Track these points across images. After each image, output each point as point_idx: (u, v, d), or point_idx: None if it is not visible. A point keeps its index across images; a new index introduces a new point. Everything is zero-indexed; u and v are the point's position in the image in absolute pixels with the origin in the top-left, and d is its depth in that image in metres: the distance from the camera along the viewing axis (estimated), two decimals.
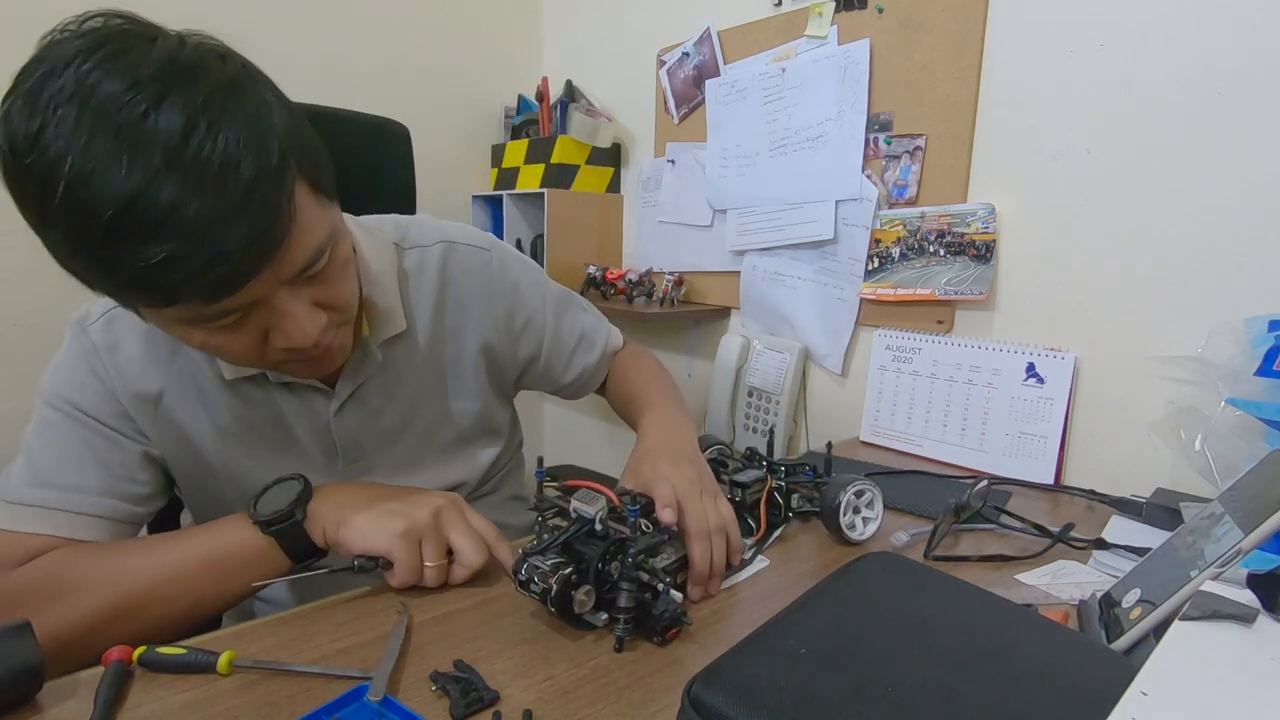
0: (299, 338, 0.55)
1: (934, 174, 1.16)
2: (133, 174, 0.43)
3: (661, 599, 0.57)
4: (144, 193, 0.44)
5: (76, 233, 0.46)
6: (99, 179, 0.43)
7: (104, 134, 0.43)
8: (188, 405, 0.68)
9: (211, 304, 0.50)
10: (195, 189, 0.45)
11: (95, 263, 0.47)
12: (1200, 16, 0.88)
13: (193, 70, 0.47)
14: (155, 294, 0.48)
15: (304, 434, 0.72)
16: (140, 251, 0.44)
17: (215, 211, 0.45)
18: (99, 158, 0.43)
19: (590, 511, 0.58)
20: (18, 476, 0.63)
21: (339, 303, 0.59)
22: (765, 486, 0.78)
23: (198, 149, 0.45)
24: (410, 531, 0.60)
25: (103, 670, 0.50)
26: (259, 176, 0.47)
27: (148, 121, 0.44)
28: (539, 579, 0.55)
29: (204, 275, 0.47)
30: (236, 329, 0.54)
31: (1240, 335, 0.84)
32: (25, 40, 0.52)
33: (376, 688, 0.48)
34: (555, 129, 1.74)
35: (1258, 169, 0.85)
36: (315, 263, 0.54)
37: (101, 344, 0.65)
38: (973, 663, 0.45)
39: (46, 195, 0.44)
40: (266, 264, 0.50)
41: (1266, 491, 0.54)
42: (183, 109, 0.45)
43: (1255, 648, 0.43)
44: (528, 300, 0.84)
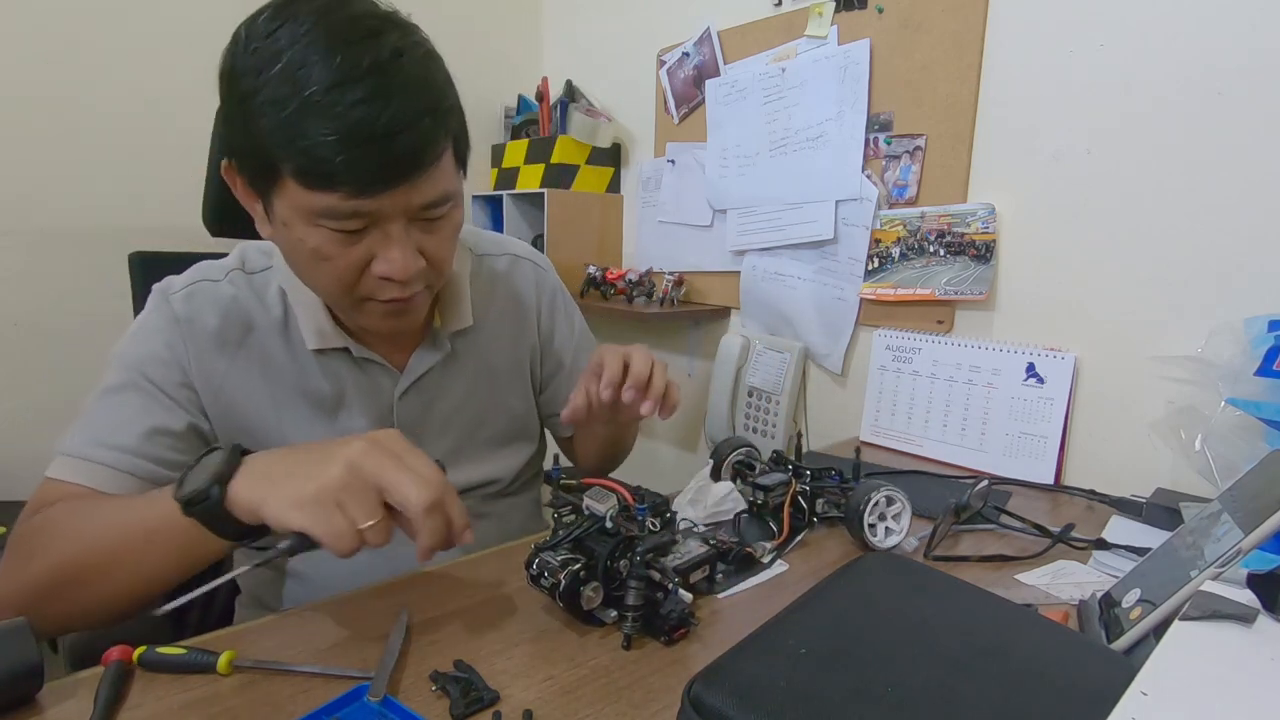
0: (398, 267, 0.61)
1: (934, 174, 1.16)
2: (340, 70, 0.54)
3: (670, 598, 0.57)
4: (343, 85, 0.54)
5: (281, 99, 0.54)
6: (314, 66, 0.54)
7: (329, 40, 0.54)
8: (252, 381, 0.71)
9: (353, 198, 0.57)
10: (383, 98, 0.55)
11: (285, 125, 0.55)
12: (1200, 16, 0.88)
13: (408, 25, 0.61)
14: (318, 169, 0.55)
15: (363, 416, 0.75)
16: (325, 127, 0.54)
17: (391, 120, 0.55)
18: (320, 54, 0.54)
19: (601, 509, 0.58)
20: (74, 429, 0.66)
21: (436, 259, 0.65)
22: (789, 490, 0.78)
23: (395, 71, 0.56)
24: (321, 495, 0.50)
25: (102, 670, 0.50)
26: (430, 110, 0.58)
27: (366, 41, 0.55)
28: (549, 574, 0.56)
29: (362, 163, 0.55)
30: (351, 242, 0.60)
31: (1240, 335, 0.84)
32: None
33: (376, 688, 0.48)
34: (555, 129, 1.74)
35: (1258, 169, 0.85)
36: (438, 206, 0.62)
37: (181, 314, 0.69)
38: (973, 663, 0.45)
39: (264, 68, 0.54)
40: (410, 179, 0.58)
41: (1266, 491, 0.54)
42: (395, 44, 0.57)
43: (1255, 648, 0.43)
44: (562, 324, 0.92)
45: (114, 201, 1.45)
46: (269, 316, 0.72)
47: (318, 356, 0.72)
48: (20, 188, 1.36)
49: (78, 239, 1.42)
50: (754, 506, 0.79)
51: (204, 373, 0.69)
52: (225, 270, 0.73)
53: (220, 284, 0.72)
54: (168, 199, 1.47)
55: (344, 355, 0.73)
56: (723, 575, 0.67)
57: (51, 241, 1.40)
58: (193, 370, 0.69)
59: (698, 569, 0.61)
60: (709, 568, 0.63)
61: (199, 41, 1.46)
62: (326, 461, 0.51)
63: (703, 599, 0.63)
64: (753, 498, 0.79)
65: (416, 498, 0.50)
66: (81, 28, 1.38)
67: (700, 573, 0.62)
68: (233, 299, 0.71)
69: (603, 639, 0.57)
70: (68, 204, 1.41)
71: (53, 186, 1.39)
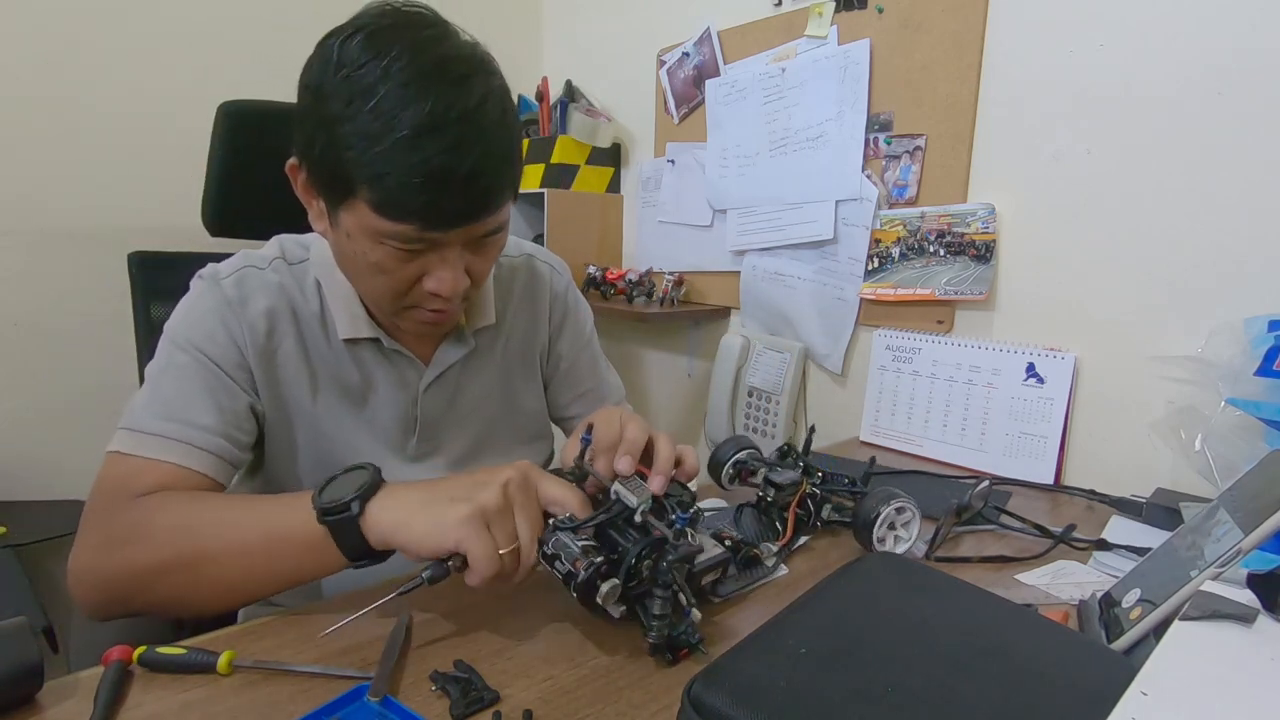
0: (448, 286, 0.65)
1: (934, 174, 1.16)
2: (431, 115, 0.57)
3: (683, 619, 0.54)
4: (434, 129, 0.57)
5: (373, 135, 0.57)
6: (408, 109, 0.57)
7: (421, 79, 0.57)
8: (297, 366, 0.73)
9: (425, 231, 0.61)
10: (468, 145, 0.58)
11: (374, 161, 0.57)
12: (1200, 16, 0.88)
13: (489, 67, 0.64)
14: (398, 204, 0.59)
15: (388, 408, 0.77)
16: (411, 168, 0.57)
17: (473, 167, 0.59)
18: (413, 96, 0.57)
19: (634, 500, 0.55)
20: (144, 409, 0.66)
21: (478, 276, 0.69)
22: (799, 490, 0.76)
23: (480, 118, 0.59)
24: (475, 516, 0.53)
25: (102, 670, 0.50)
26: (505, 157, 0.62)
27: (456, 88, 0.58)
28: (565, 558, 0.53)
29: (440, 204, 0.59)
30: (407, 260, 0.64)
31: (1240, 335, 0.84)
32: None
33: (376, 688, 0.48)
34: (555, 129, 1.74)
35: (1258, 169, 0.85)
36: (494, 235, 0.67)
37: (234, 297, 0.70)
38: (973, 663, 0.45)
39: (357, 101, 0.57)
40: (480, 217, 0.63)
41: (1266, 491, 0.54)
42: (481, 89, 0.60)
43: (1255, 648, 0.43)
44: (571, 326, 0.92)
45: (114, 201, 1.45)
46: (309, 307, 0.74)
47: (349, 346, 0.74)
48: (20, 188, 1.36)
49: (78, 239, 1.42)
50: (762, 501, 0.77)
51: (255, 353, 0.71)
52: (268, 260, 0.74)
53: (266, 271, 0.73)
54: (167, 199, 1.47)
55: (374, 346, 0.75)
56: (728, 578, 0.64)
57: (51, 241, 1.40)
58: (249, 350, 0.70)
59: (711, 571, 0.58)
60: (721, 571, 0.59)
61: (199, 42, 1.47)
62: (482, 487, 0.56)
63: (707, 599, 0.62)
64: (762, 492, 0.77)
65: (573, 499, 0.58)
66: (81, 28, 1.38)
67: (713, 575, 0.59)
68: (279, 286, 0.73)
69: (604, 640, 0.57)
70: (68, 204, 1.41)
71: (53, 186, 1.39)
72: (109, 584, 0.59)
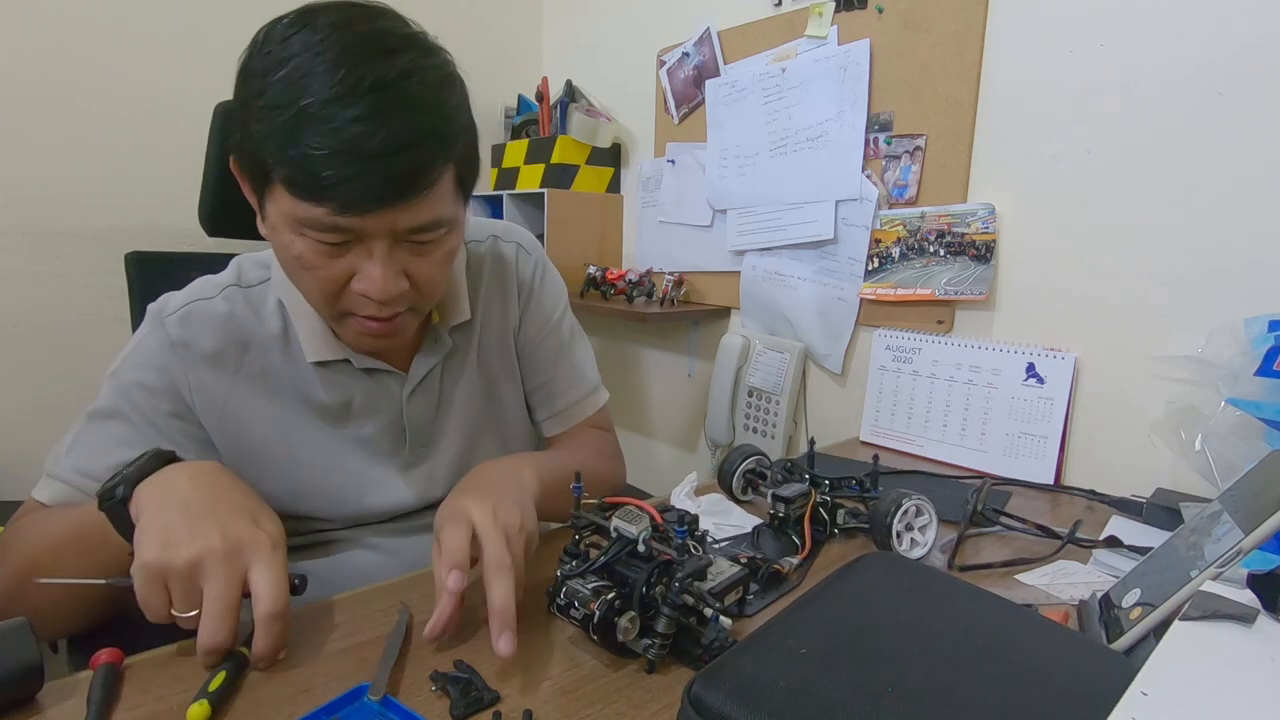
0: (376, 287, 0.59)
1: (934, 174, 1.16)
2: (341, 86, 0.53)
3: (711, 627, 0.53)
4: (340, 101, 0.53)
5: (279, 105, 0.54)
6: (316, 78, 0.53)
7: (339, 51, 0.54)
8: (255, 399, 0.70)
9: (339, 214, 0.55)
10: (381, 116, 0.53)
11: (279, 133, 0.54)
12: (1200, 17, 0.88)
13: (430, 47, 0.60)
14: (308, 181, 0.54)
15: (373, 421, 0.74)
16: (316, 140, 0.53)
17: (386, 139, 0.54)
18: (325, 67, 0.53)
19: (633, 531, 0.54)
20: (62, 449, 0.66)
21: (424, 283, 0.63)
22: (809, 502, 0.75)
23: (399, 92, 0.54)
24: (155, 569, 0.49)
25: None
26: (430, 136, 0.56)
27: (375, 60, 0.54)
28: (579, 604, 0.52)
29: (352, 181, 0.54)
30: (334, 255, 0.59)
31: (1240, 335, 0.84)
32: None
33: (376, 688, 0.48)
34: (555, 129, 1.74)
35: (1258, 169, 0.85)
36: (429, 231, 0.60)
37: (176, 338, 0.68)
38: (972, 663, 0.45)
39: (270, 73, 0.54)
40: (400, 203, 0.56)
41: (1266, 491, 0.54)
42: (406, 65, 0.55)
43: (1255, 648, 0.43)
44: (537, 309, 0.87)
45: (113, 201, 1.45)
46: (266, 331, 0.71)
47: (320, 368, 0.71)
48: (20, 188, 1.36)
49: (77, 239, 1.42)
50: (774, 519, 0.76)
51: (204, 396, 0.68)
52: (221, 287, 0.71)
53: (215, 301, 0.70)
54: (165, 199, 1.47)
55: (347, 365, 0.72)
56: (753, 596, 0.63)
57: (51, 241, 1.40)
58: (191, 396, 0.68)
59: (732, 591, 0.56)
60: (743, 589, 0.58)
61: (198, 43, 1.47)
62: (192, 539, 0.49)
63: (733, 621, 0.60)
64: (773, 510, 0.76)
65: (265, 602, 0.50)
66: (81, 28, 1.38)
67: (734, 594, 0.57)
68: (228, 316, 0.70)
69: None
70: (67, 204, 1.41)
71: (52, 187, 1.39)
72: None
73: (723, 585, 0.55)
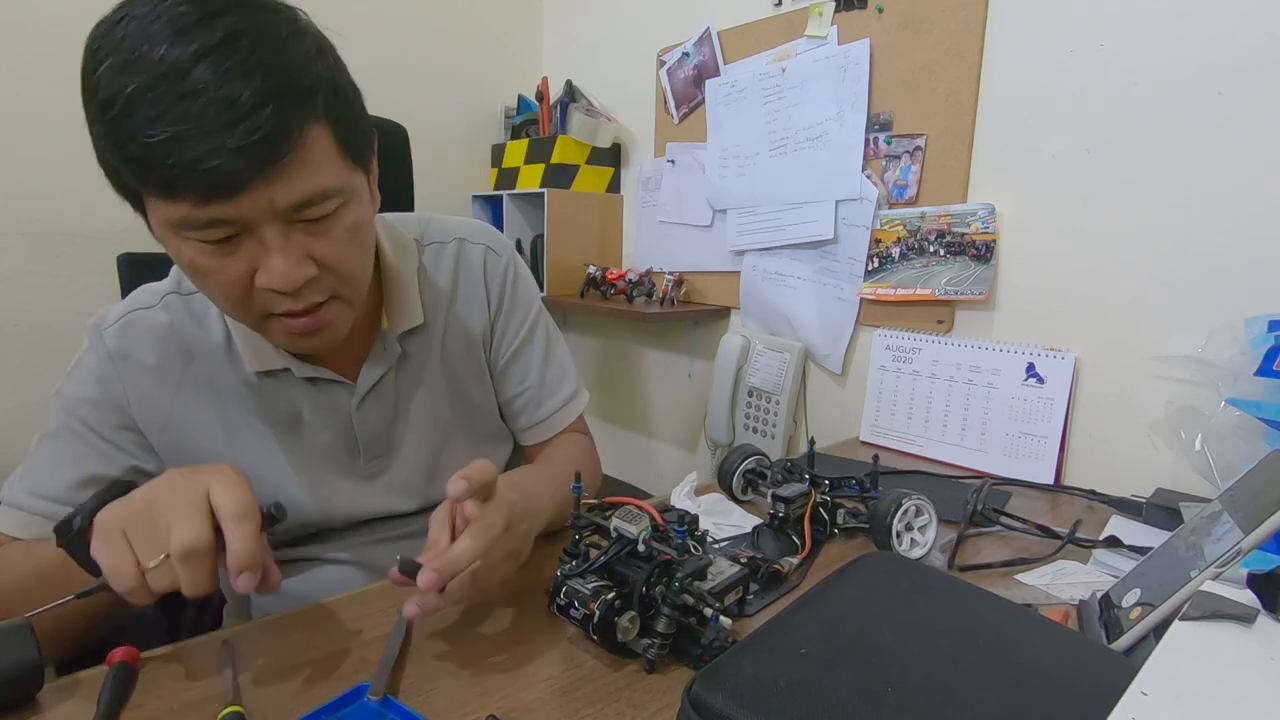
0: (278, 277, 0.54)
1: (934, 174, 1.16)
2: (165, 59, 0.48)
3: (710, 627, 0.53)
4: (169, 75, 0.47)
5: (106, 102, 0.49)
6: (139, 60, 0.48)
7: (157, 29, 0.48)
8: (200, 410, 0.68)
9: (205, 205, 0.50)
10: (215, 84, 0.48)
11: (111, 130, 0.50)
12: (1200, 17, 0.88)
13: (267, 6, 0.53)
14: (155, 176, 0.50)
15: (325, 431, 0.71)
16: (149, 126, 0.48)
17: (225, 109, 0.48)
18: (145, 44, 0.48)
19: (633, 530, 0.54)
20: (19, 480, 0.65)
21: (334, 263, 0.58)
22: (809, 502, 0.75)
23: (229, 54, 0.48)
24: (110, 527, 0.48)
25: (105, 670, 0.50)
26: (280, 92, 0.50)
27: (200, 24, 0.49)
28: (579, 604, 0.52)
29: (200, 164, 0.48)
30: (225, 253, 0.54)
31: (1240, 335, 0.84)
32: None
33: (376, 687, 0.48)
34: (555, 129, 1.74)
35: (1258, 169, 0.85)
36: (314, 205, 0.54)
37: (115, 350, 0.66)
38: (972, 662, 0.45)
39: (96, 69, 0.49)
40: (260, 177, 0.50)
41: (1266, 491, 0.54)
42: (231, 26, 0.49)
43: (1255, 648, 0.43)
44: (511, 314, 0.83)
45: (113, 201, 1.44)
46: (210, 340, 0.68)
47: (265, 378, 0.68)
48: (20, 188, 1.36)
49: (77, 239, 1.42)
50: (774, 519, 0.76)
51: (146, 408, 0.66)
52: (160, 295, 0.68)
53: (155, 310, 0.67)
54: None
55: (290, 375, 0.69)
56: (753, 596, 0.63)
57: (51, 241, 1.40)
58: (132, 408, 0.66)
59: (732, 591, 0.56)
60: (743, 589, 0.58)
61: None
62: (145, 492, 0.49)
63: (733, 621, 0.60)
64: (773, 510, 0.76)
65: (227, 504, 0.48)
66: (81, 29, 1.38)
67: (734, 594, 0.57)
68: (169, 326, 0.67)
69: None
70: (67, 204, 1.41)
71: (52, 187, 1.39)
72: None
73: (723, 585, 0.55)
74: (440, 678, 0.52)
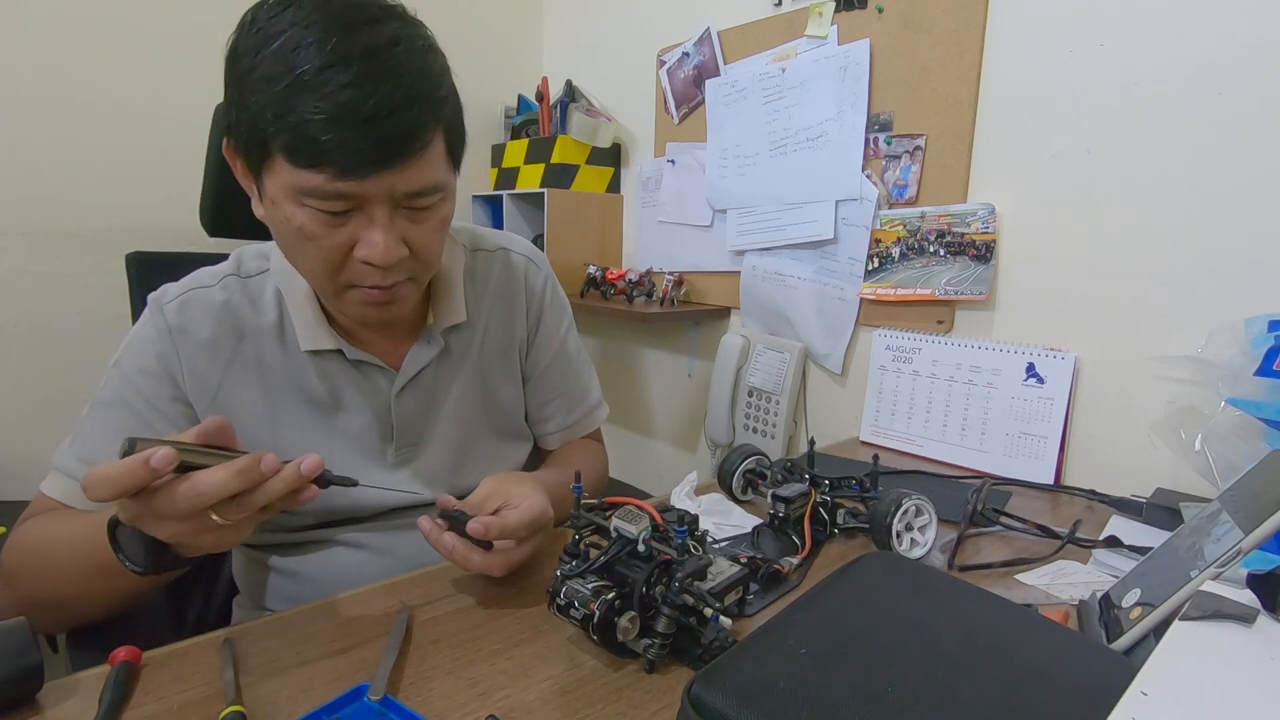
0: (379, 252, 0.61)
1: (934, 174, 1.16)
2: (333, 53, 0.55)
3: (710, 627, 0.53)
4: (334, 68, 0.54)
5: (274, 76, 0.55)
6: (308, 48, 0.55)
7: (327, 21, 0.55)
8: (248, 388, 0.71)
9: (338, 179, 0.57)
10: (373, 81, 0.55)
11: (276, 102, 0.55)
12: (1200, 16, 0.88)
13: (409, 18, 0.61)
14: (307, 146, 0.56)
15: (362, 415, 0.75)
16: (313, 106, 0.54)
17: (380, 105, 0.55)
18: (316, 37, 0.55)
19: (633, 530, 0.54)
20: (69, 448, 0.67)
21: (422, 250, 0.65)
22: (809, 502, 0.75)
23: (389, 58, 0.56)
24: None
25: (108, 670, 0.50)
26: (420, 100, 0.58)
27: (363, 28, 0.56)
28: (579, 604, 0.52)
29: (349, 144, 0.55)
30: (336, 224, 0.60)
31: (1240, 335, 0.84)
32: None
33: (376, 687, 0.48)
34: (555, 129, 1.74)
35: (1258, 169, 0.85)
36: (424, 196, 0.62)
37: (174, 324, 0.69)
38: (972, 662, 0.45)
39: (263, 46, 0.56)
40: (396, 164, 0.58)
41: (1266, 491, 0.54)
42: (394, 31, 0.58)
43: (1255, 648, 0.43)
44: (550, 325, 0.89)
45: (113, 201, 1.45)
46: (263, 320, 0.72)
47: (313, 358, 0.72)
48: (20, 188, 1.36)
49: (77, 239, 1.42)
50: (774, 519, 0.76)
51: (199, 382, 0.69)
52: (219, 276, 0.72)
53: (213, 289, 0.71)
54: (166, 199, 1.47)
55: (339, 357, 0.73)
56: (753, 596, 0.63)
57: (51, 241, 1.40)
58: (186, 382, 0.69)
59: (732, 591, 0.56)
60: (743, 589, 0.58)
61: (198, 42, 1.47)
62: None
63: (733, 621, 0.60)
64: (773, 510, 0.76)
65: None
66: (81, 28, 1.38)
67: (734, 594, 0.56)
68: (225, 305, 0.71)
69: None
70: (67, 204, 1.41)
71: (53, 186, 1.39)
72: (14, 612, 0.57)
73: (723, 585, 0.55)
74: (440, 678, 0.52)
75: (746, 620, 0.61)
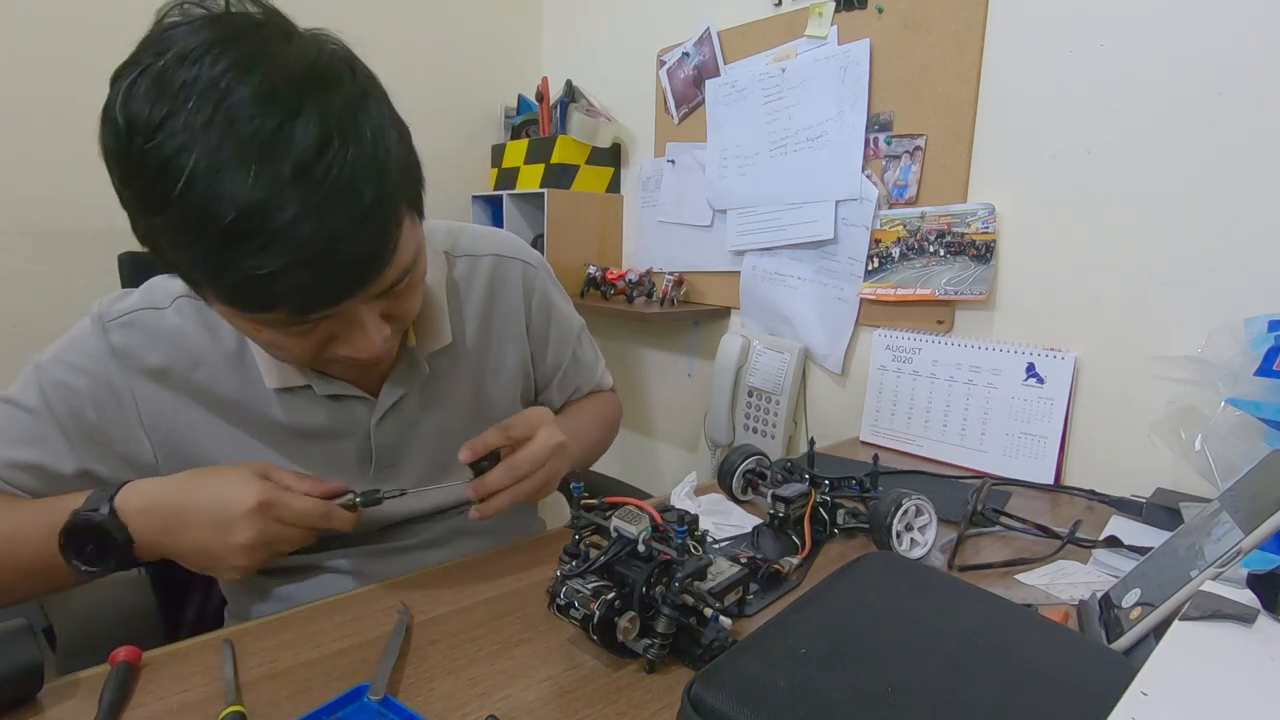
0: (365, 349, 0.55)
1: (934, 174, 1.16)
2: (259, 184, 0.44)
3: (710, 627, 0.53)
4: (267, 204, 0.44)
5: (191, 227, 0.45)
6: (225, 181, 0.43)
7: (236, 139, 0.44)
8: (203, 415, 0.65)
9: (302, 314, 0.50)
10: (317, 209, 0.45)
11: (203, 259, 0.46)
12: (1201, 17, 0.88)
13: (327, 82, 0.48)
14: (253, 300, 0.48)
15: (339, 441, 0.70)
16: (252, 260, 0.45)
17: (332, 234, 0.46)
18: (228, 161, 0.43)
19: (633, 531, 0.54)
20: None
21: (403, 316, 0.59)
22: (809, 502, 0.75)
23: (325, 170, 0.45)
24: (255, 543, 0.56)
25: (108, 670, 0.50)
26: (375, 204, 0.48)
27: (282, 133, 0.44)
28: (579, 604, 0.52)
29: (306, 291, 0.48)
30: (307, 333, 0.54)
31: (1240, 335, 0.84)
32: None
33: (376, 688, 0.48)
34: (555, 129, 1.74)
35: (1258, 169, 0.85)
36: (399, 282, 0.55)
37: (119, 346, 0.63)
38: (973, 662, 0.45)
39: (161, 183, 0.44)
40: (365, 287, 0.51)
41: (1266, 491, 0.54)
42: (318, 124, 0.45)
43: (1255, 648, 0.43)
44: (555, 330, 0.86)
45: (113, 201, 1.43)
46: (220, 349, 0.65)
47: (281, 393, 0.66)
48: (20, 188, 1.36)
49: (77, 239, 1.42)
50: (774, 519, 0.76)
51: (152, 408, 0.63)
52: (172, 296, 0.65)
53: (166, 312, 0.64)
54: None
55: (309, 392, 0.67)
56: (753, 596, 0.62)
57: (51, 241, 1.40)
58: (139, 407, 0.63)
59: (732, 591, 0.56)
60: (742, 589, 0.57)
61: None
62: (229, 527, 0.55)
63: (733, 621, 0.60)
64: (773, 510, 0.76)
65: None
66: (81, 28, 1.38)
67: (734, 595, 0.56)
68: (178, 332, 0.64)
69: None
70: (67, 204, 1.41)
71: (52, 186, 1.39)
72: None
73: (723, 585, 0.55)
74: (440, 678, 0.52)
75: (746, 620, 0.61)
